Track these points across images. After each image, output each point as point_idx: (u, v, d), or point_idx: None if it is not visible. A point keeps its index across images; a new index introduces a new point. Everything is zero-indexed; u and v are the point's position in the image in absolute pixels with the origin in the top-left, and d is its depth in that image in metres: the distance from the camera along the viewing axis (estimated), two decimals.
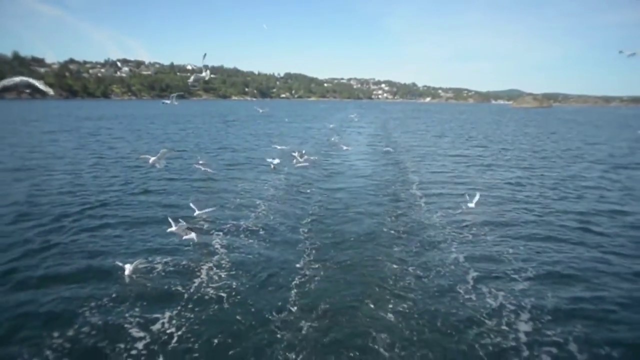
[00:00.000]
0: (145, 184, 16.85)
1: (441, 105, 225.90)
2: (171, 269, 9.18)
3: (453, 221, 13.04)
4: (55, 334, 6.78)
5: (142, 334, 6.78)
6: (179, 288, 8.30)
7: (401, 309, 7.72)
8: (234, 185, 16.33)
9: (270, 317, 7.42)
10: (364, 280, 8.92)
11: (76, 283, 8.44)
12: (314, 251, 10.46)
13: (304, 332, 7.01)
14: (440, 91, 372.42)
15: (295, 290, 8.38)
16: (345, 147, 26.62)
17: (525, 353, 6.52)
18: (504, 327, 7.16)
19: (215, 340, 6.73)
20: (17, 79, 8.05)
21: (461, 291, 8.42)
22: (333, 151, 28.26)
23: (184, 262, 9.47)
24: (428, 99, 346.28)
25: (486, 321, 7.34)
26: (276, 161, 20.10)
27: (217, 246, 10.48)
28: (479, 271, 9.38)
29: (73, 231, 11.41)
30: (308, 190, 16.71)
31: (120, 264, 8.73)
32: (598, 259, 10.14)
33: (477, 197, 13.76)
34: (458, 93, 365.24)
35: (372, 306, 7.87)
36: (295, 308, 7.74)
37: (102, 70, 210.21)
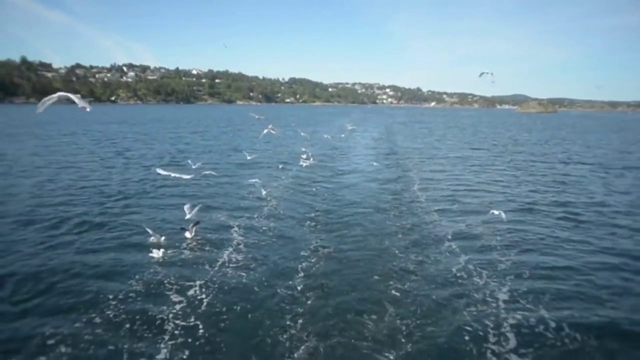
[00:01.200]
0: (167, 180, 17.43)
1: (446, 110, 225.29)
2: (195, 250, 10.22)
3: (449, 215, 13.60)
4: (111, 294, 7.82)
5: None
6: (206, 264, 9.35)
7: (403, 304, 7.81)
8: (246, 183, 16.87)
9: (280, 292, 8.14)
10: (366, 268, 9.43)
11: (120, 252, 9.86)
12: (318, 240, 11.12)
13: (310, 314, 7.42)
14: (445, 96, 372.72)
15: (302, 274, 9.03)
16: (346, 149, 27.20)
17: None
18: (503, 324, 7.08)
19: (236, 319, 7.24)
20: (56, 95, 8.25)
21: (456, 279, 8.83)
22: (337, 153, 28.92)
23: (205, 247, 10.40)
24: (433, 104, 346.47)
25: (487, 315, 7.37)
26: (284, 162, 21.34)
27: (231, 238, 11.11)
28: (470, 254, 10.09)
29: (112, 213, 13.10)
30: (313, 189, 17.37)
31: (153, 239, 10.13)
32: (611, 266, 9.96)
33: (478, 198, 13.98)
34: (463, 98, 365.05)
35: (374, 292, 8.22)
36: (302, 287, 8.41)
37: (109, 75, 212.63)
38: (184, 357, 6.17)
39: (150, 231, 10.26)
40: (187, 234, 10.72)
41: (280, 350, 6.39)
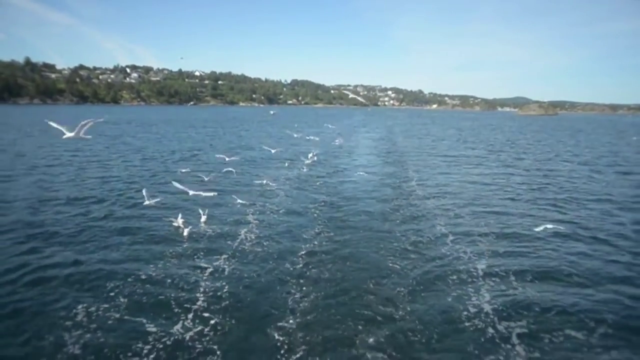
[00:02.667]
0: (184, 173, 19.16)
1: (447, 112, 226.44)
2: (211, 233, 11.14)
3: (446, 208, 14.64)
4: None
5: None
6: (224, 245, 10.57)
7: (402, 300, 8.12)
8: (255, 177, 18.37)
9: (280, 278, 8.79)
10: (366, 259, 10.04)
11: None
12: (321, 227, 12.28)
13: (309, 301, 7.91)
14: (446, 98, 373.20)
15: (303, 260, 9.80)
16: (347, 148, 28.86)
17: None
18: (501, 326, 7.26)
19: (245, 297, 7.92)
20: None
21: (445, 256, 9.77)
22: (338, 152, 30.48)
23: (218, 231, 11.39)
24: (434, 106, 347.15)
25: (484, 316, 7.48)
26: (290, 159, 22.92)
27: (247, 220, 12.54)
28: (458, 237, 11.12)
29: (131, 203, 14.28)
30: (317, 183, 18.75)
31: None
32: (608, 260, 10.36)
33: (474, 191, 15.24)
34: (464, 100, 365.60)
35: (371, 286, 8.56)
36: (302, 273, 9.08)
37: (112, 76, 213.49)
38: (200, 335, 6.74)
39: (177, 219, 11.28)
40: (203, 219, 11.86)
41: (282, 328, 6.97)
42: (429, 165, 25.11)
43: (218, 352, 6.28)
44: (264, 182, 17.14)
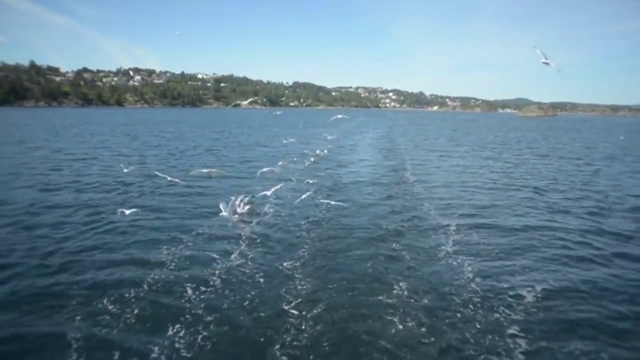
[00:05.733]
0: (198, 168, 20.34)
1: (447, 114, 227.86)
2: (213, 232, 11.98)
3: (444, 204, 15.83)
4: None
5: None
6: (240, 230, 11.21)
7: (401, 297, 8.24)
8: (269, 169, 19.98)
9: (280, 271, 9.30)
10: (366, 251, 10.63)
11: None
12: (324, 215, 13.50)
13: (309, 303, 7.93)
14: (447, 100, 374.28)
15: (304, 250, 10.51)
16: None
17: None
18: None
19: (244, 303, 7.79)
20: None
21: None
22: (341, 151, 32.58)
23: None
24: (435, 108, 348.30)
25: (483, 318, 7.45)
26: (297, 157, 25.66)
27: (257, 214, 13.35)
28: (461, 247, 11.60)
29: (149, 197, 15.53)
30: (322, 174, 21.10)
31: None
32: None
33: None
34: (465, 102, 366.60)
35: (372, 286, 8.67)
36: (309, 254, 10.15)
37: (115, 79, 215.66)
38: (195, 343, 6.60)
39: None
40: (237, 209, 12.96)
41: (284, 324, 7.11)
42: (423, 159, 28.13)
43: None
44: (275, 170, 19.59)
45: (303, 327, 6.97)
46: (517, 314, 7.47)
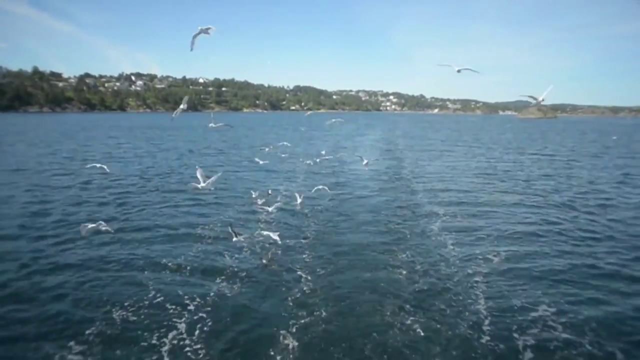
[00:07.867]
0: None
1: (448, 117, 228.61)
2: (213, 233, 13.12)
3: (442, 202, 16.86)
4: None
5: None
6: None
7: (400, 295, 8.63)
8: (278, 167, 22.98)
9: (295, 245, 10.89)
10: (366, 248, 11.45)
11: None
12: (327, 204, 15.34)
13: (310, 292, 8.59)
14: (448, 102, 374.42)
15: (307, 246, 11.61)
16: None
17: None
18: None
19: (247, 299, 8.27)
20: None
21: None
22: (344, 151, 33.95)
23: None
24: (436, 111, 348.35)
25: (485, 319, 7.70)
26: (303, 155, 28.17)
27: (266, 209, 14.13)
28: (448, 226, 13.20)
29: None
30: (329, 171, 23.83)
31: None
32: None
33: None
34: (466, 104, 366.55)
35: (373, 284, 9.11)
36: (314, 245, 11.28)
37: (117, 84, 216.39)
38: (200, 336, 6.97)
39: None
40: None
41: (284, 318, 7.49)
42: (420, 158, 30.51)
43: None
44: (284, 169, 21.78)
45: (303, 326, 7.18)
46: (517, 314, 7.77)
